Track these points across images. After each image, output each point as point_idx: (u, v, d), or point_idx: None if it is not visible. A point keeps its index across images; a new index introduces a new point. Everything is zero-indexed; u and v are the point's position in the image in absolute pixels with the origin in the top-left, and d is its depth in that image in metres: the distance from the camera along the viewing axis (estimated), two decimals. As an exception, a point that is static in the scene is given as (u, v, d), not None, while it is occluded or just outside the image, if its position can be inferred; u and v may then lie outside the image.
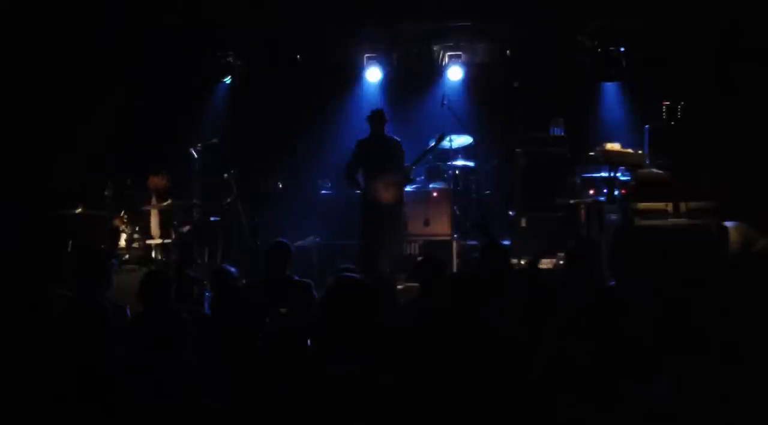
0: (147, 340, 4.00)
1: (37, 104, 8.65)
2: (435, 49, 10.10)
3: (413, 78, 10.19)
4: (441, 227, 8.81)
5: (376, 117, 8.29)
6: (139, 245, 7.77)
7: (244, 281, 6.29)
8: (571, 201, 8.21)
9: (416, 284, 5.45)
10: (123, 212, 7.86)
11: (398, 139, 8.38)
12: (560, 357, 3.94)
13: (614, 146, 7.51)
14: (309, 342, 4.48)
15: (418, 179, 9.11)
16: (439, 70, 10.12)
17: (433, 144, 8.53)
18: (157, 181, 8.25)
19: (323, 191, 9.42)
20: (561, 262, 7.75)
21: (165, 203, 8.07)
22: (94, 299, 4.77)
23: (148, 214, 8.09)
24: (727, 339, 3.54)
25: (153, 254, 7.81)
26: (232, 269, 5.73)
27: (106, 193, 7.76)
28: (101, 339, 4.15)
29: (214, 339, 4.30)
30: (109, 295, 5.05)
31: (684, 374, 3.37)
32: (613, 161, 7.38)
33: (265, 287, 5.66)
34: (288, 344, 4.41)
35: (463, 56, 9.93)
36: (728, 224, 6.90)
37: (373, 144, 8.30)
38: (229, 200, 8.74)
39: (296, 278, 5.85)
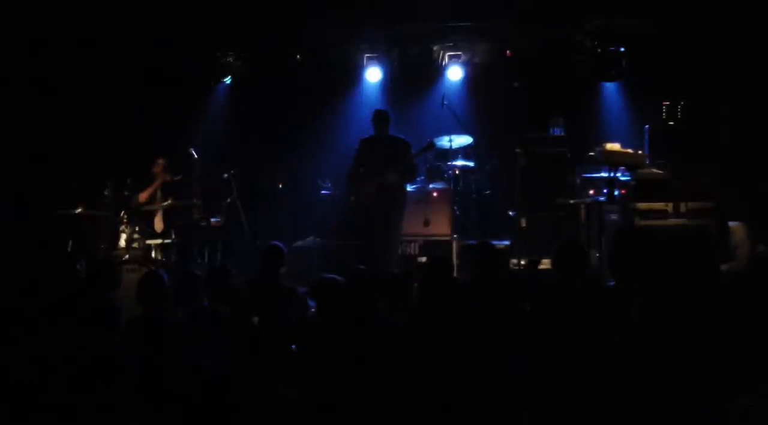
0: (144, 341, 4.00)
1: (37, 104, 8.66)
2: (435, 49, 10.10)
3: (413, 78, 10.19)
4: (441, 227, 8.81)
5: (378, 117, 8.21)
6: (139, 245, 7.76)
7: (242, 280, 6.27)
8: (571, 201, 8.21)
9: None
10: (123, 212, 7.85)
11: (405, 139, 8.24)
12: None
13: (614, 146, 7.49)
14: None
15: (418, 178, 9.10)
16: (439, 70, 10.12)
17: (418, 150, 8.26)
18: None
19: (323, 191, 9.42)
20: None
21: (165, 203, 8.08)
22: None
23: (152, 212, 8.10)
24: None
25: (153, 254, 7.80)
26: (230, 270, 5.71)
27: (106, 193, 7.75)
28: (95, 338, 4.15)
29: (213, 339, 4.30)
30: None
31: None
32: (613, 161, 7.36)
33: (254, 288, 5.63)
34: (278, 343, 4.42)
35: (463, 56, 9.94)
36: (733, 223, 6.89)
37: (375, 144, 8.24)
38: (229, 200, 8.74)
39: (282, 283, 5.81)
